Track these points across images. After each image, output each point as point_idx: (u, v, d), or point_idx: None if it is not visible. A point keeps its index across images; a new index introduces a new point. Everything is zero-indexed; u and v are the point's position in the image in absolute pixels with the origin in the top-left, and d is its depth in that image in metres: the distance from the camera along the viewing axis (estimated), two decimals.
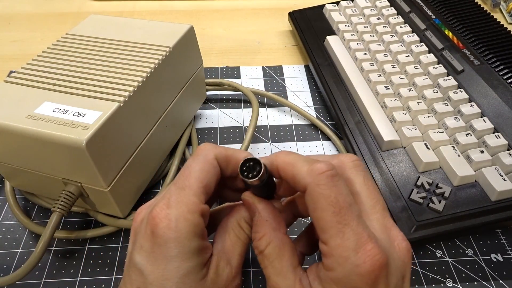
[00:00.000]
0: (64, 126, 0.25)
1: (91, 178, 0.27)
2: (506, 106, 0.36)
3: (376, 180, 0.33)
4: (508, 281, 0.29)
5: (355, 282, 0.18)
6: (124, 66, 0.30)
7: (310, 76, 0.47)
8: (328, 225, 0.19)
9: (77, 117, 0.26)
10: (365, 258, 0.18)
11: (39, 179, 0.29)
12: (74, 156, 0.25)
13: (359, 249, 0.18)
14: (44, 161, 0.27)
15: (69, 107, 0.27)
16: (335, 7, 0.51)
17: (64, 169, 0.27)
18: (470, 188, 0.32)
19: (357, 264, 0.18)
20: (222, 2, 0.60)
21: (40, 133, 0.25)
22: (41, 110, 0.26)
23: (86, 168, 0.26)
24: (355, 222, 0.19)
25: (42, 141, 0.25)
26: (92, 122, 0.25)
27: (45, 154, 0.26)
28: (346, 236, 0.18)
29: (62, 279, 0.29)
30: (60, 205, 0.27)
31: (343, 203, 0.19)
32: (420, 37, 0.44)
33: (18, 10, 0.57)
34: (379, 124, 0.36)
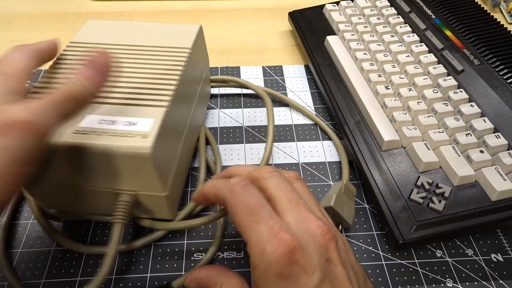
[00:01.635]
0: (120, 136, 0.25)
1: (150, 185, 0.27)
2: (506, 106, 0.36)
3: (376, 180, 0.33)
4: (508, 281, 0.29)
5: (275, 269, 0.20)
6: (153, 71, 0.29)
7: (310, 76, 0.47)
8: (245, 225, 0.21)
9: (129, 126, 0.25)
10: (277, 245, 0.20)
11: (84, 195, 0.28)
12: (136, 165, 0.25)
13: (271, 239, 0.20)
14: (97, 174, 0.26)
15: (116, 118, 0.26)
16: (335, 7, 0.51)
17: (119, 180, 0.27)
18: (470, 188, 0.32)
19: (271, 252, 0.20)
20: (222, 2, 0.60)
21: (98, 146, 0.24)
22: (86, 124, 0.25)
23: (146, 176, 0.26)
24: (266, 218, 0.21)
25: (98, 155, 0.24)
26: (149, 130, 0.25)
27: (100, 167, 0.25)
28: (260, 231, 0.21)
29: (62, 279, 0.29)
30: (121, 215, 0.27)
31: (254, 205, 0.22)
32: (420, 37, 0.44)
33: (18, 10, 0.57)
34: (379, 124, 0.36)
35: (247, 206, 0.22)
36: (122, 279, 0.29)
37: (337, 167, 0.37)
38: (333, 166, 0.37)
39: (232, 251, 0.31)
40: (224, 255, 0.31)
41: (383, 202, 0.31)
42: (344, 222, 0.31)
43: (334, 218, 0.31)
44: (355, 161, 0.35)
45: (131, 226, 0.32)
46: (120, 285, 0.29)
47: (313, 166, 0.37)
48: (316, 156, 0.38)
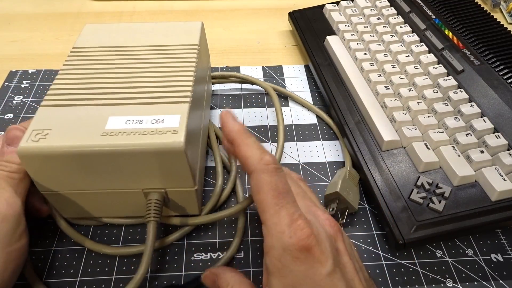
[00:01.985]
0: (150, 134, 0.25)
1: (181, 181, 0.27)
2: (506, 106, 0.36)
3: (376, 180, 0.33)
4: (508, 281, 0.29)
5: (292, 252, 0.21)
6: (167, 69, 0.30)
7: (310, 76, 0.47)
8: (268, 206, 0.22)
9: (157, 123, 0.25)
10: (296, 230, 0.21)
11: (111, 198, 0.28)
12: (169, 161, 0.25)
13: (291, 224, 0.22)
14: (125, 175, 0.26)
15: (142, 117, 0.26)
16: (335, 7, 0.51)
17: (149, 178, 0.27)
18: (470, 188, 0.32)
19: (291, 235, 0.21)
20: (222, 2, 0.60)
21: (129, 146, 0.24)
22: (112, 125, 0.25)
23: (178, 171, 0.26)
24: (289, 205, 0.22)
25: (130, 154, 0.24)
26: (178, 125, 0.25)
27: (130, 167, 0.26)
28: (282, 215, 0.22)
29: (62, 279, 0.29)
30: (154, 214, 0.27)
31: (281, 189, 0.23)
32: (420, 37, 0.44)
33: (18, 10, 0.57)
34: (379, 124, 0.36)
35: (275, 189, 0.23)
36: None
37: (337, 167, 0.37)
38: (333, 166, 0.37)
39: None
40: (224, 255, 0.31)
41: (383, 202, 0.31)
42: (350, 207, 0.32)
43: (340, 204, 0.32)
44: (355, 161, 0.35)
45: (140, 226, 0.32)
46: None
47: (313, 166, 0.37)
48: (316, 156, 0.38)
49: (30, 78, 0.45)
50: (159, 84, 0.28)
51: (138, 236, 0.32)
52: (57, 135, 0.25)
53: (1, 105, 0.42)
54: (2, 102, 0.42)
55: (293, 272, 0.21)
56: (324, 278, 0.21)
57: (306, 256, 0.21)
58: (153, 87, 0.28)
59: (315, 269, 0.21)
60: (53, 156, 0.24)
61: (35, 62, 0.47)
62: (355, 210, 0.32)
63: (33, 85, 0.44)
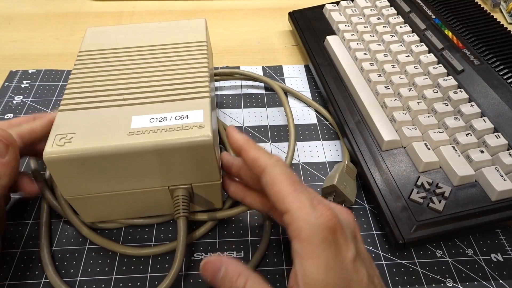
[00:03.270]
0: (177, 130, 0.25)
1: (208, 174, 0.27)
2: (506, 106, 0.36)
3: (376, 180, 0.33)
4: (508, 281, 0.29)
5: (322, 233, 0.21)
6: (180, 67, 0.30)
7: (310, 76, 0.47)
8: (286, 193, 0.23)
9: (182, 120, 0.26)
10: (322, 211, 0.22)
11: (136, 198, 0.28)
12: (198, 156, 0.25)
13: (316, 207, 0.22)
14: (153, 173, 0.26)
15: (165, 114, 0.26)
16: (335, 7, 0.51)
17: (176, 175, 0.27)
18: (470, 188, 0.32)
19: (318, 215, 0.21)
20: (222, 2, 0.60)
21: (158, 143, 0.24)
22: (137, 125, 0.25)
23: (206, 165, 0.26)
24: (306, 191, 0.23)
25: (159, 151, 0.25)
26: (203, 120, 0.26)
27: (158, 164, 0.26)
28: (302, 199, 0.22)
29: (62, 279, 0.29)
30: (183, 209, 0.27)
31: (295, 178, 0.24)
32: (420, 37, 0.44)
33: (18, 10, 0.57)
34: (379, 124, 0.36)
35: (290, 177, 0.23)
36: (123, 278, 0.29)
37: None
38: (333, 166, 0.37)
39: (232, 251, 0.31)
40: (224, 255, 0.31)
41: (383, 202, 0.31)
42: (347, 200, 0.32)
43: (337, 197, 0.32)
44: (355, 161, 0.35)
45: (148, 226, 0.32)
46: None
47: (313, 166, 0.37)
48: (316, 156, 0.38)
49: (30, 78, 0.45)
50: (176, 82, 0.29)
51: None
52: (83, 138, 0.25)
53: (1, 105, 0.42)
54: (2, 102, 0.42)
55: (324, 252, 0.21)
56: (350, 262, 0.21)
57: (334, 238, 0.21)
58: (170, 85, 0.28)
59: (342, 253, 0.21)
60: (81, 158, 0.24)
61: (35, 62, 0.47)
62: (351, 203, 0.33)
63: (33, 85, 0.44)
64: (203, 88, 0.28)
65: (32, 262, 0.30)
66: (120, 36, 0.33)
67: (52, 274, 0.28)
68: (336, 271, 0.21)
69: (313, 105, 0.42)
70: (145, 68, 0.30)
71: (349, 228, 0.23)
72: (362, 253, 0.23)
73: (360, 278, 0.22)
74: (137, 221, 0.31)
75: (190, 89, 0.28)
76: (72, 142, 0.24)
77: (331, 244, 0.21)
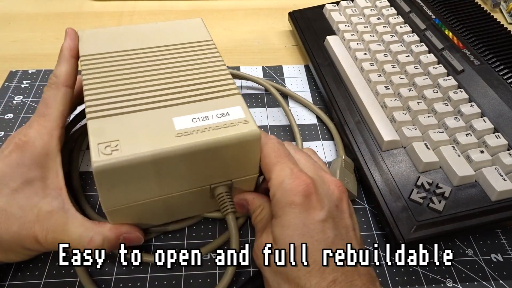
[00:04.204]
0: (224, 128, 0.25)
1: (250, 168, 0.28)
2: (506, 106, 0.36)
3: (376, 180, 0.33)
4: (508, 281, 0.29)
5: (289, 197, 0.24)
6: (197, 66, 0.30)
7: (310, 76, 0.47)
8: (271, 164, 0.26)
9: (224, 117, 0.26)
10: (295, 179, 0.24)
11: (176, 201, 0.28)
12: (246, 151, 0.26)
13: (291, 176, 0.24)
14: (198, 173, 0.26)
15: (205, 113, 0.26)
16: (335, 7, 0.51)
17: (220, 172, 0.27)
18: (470, 188, 0.32)
19: (289, 183, 0.24)
20: (222, 2, 0.60)
21: (211, 142, 0.24)
22: (181, 126, 0.25)
23: (250, 160, 0.27)
24: (290, 162, 0.26)
25: (212, 150, 0.25)
26: (245, 116, 0.26)
27: (206, 164, 0.26)
28: (283, 168, 0.25)
29: (62, 279, 0.29)
30: (230, 206, 0.27)
31: (283, 152, 0.26)
32: (420, 37, 0.44)
33: (18, 10, 0.57)
34: (379, 124, 0.36)
35: (277, 151, 0.26)
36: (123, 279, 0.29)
37: None
38: None
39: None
40: None
41: (383, 202, 0.31)
42: (350, 194, 0.33)
43: None
44: (355, 161, 0.35)
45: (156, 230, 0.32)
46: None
47: None
48: None
49: (30, 78, 0.45)
50: (200, 81, 0.28)
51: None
52: (130, 144, 0.24)
53: (1, 105, 0.42)
54: (2, 102, 0.42)
55: (290, 212, 0.24)
56: (315, 222, 0.23)
57: (303, 201, 0.23)
58: (195, 85, 0.28)
59: (308, 214, 0.23)
60: (134, 165, 0.23)
61: (35, 62, 0.47)
62: (354, 196, 0.34)
63: (33, 85, 0.44)
64: (231, 86, 0.28)
65: (32, 262, 0.30)
66: (120, 38, 0.32)
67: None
68: (297, 229, 0.23)
69: (312, 109, 0.42)
70: (162, 70, 0.29)
71: (330, 197, 0.25)
72: (341, 220, 0.25)
73: (325, 238, 0.23)
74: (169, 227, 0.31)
75: (217, 87, 0.28)
76: (120, 149, 0.23)
77: (296, 206, 0.23)
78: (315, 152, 0.31)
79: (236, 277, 0.29)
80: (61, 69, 0.29)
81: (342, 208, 0.25)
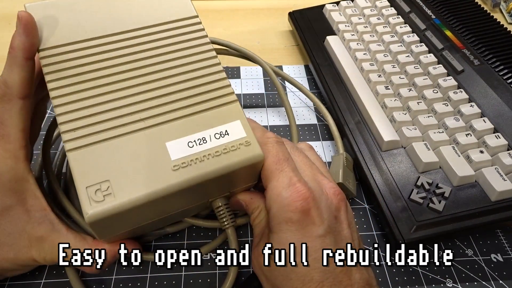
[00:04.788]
0: (224, 154, 0.23)
1: (250, 179, 0.26)
2: (506, 106, 0.36)
3: (376, 180, 0.33)
4: (508, 281, 0.29)
5: (286, 213, 0.22)
6: (183, 60, 0.25)
7: (310, 76, 0.47)
8: (270, 171, 0.24)
9: (223, 138, 0.23)
10: (292, 192, 0.22)
11: (173, 217, 0.27)
12: (249, 172, 0.25)
13: (289, 187, 0.23)
14: (198, 195, 0.25)
15: (202, 134, 0.23)
16: (335, 7, 0.51)
17: (220, 189, 0.25)
18: (470, 188, 0.32)
19: (286, 197, 0.22)
20: (222, 2, 0.60)
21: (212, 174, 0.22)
22: (177, 154, 0.22)
23: (251, 176, 0.25)
24: (289, 169, 0.24)
25: (213, 180, 0.23)
26: (246, 134, 0.24)
27: (206, 189, 0.24)
28: (281, 178, 0.23)
29: (62, 279, 0.29)
30: (230, 219, 0.27)
31: (282, 157, 0.24)
32: (420, 37, 0.44)
33: (18, 10, 0.57)
34: (379, 124, 0.36)
35: (276, 156, 0.24)
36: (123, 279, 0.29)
37: None
38: None
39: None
40: None
41: (383, 202, 0.31)
42: (349, 194, 0.33)
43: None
44: (355, 162, 0.35)
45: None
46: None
47: None
48: None
49: None
50: (191, 84, 0.25)
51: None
52: (122, 185, 0.21)
53: None
54: None
55: (284, 232, 0.22)
56: (314, 239, 0.22)
57: (300, 218, 0.22)
58: (186, 90, 0.24)
59: (306, 230, 0.22)
60: (130, 210, 0.21)
61: None
62: (354, 195, 0.34)
63: None
64: (227, 89, 0.25)
65: None
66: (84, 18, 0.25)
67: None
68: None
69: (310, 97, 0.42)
70: (144, 68, 0.24)
71: (328, 209, 0.23)
72: (340, 234, 0.24)
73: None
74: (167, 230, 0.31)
75: (212, 92, 0.25)
76: (112, 194, 0.21)
77: (294, 224, 0.22)
78: (312, 147, 0.29)
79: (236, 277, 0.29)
80: (14, 77, 0.23)
81: (340, 219, 0.24)
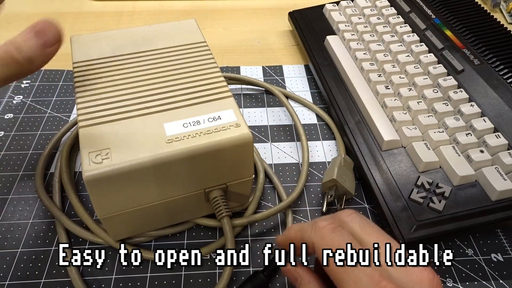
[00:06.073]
0: (215, 132, 0.25)
1: (244, 171, 0.28)
2: (506, 106, 0.36)
3: (376, 180, 0.33)
4: (508, 281, 0.29)
5: None
6: (190, 69, 0.30)
7: (310, 76, 0.47)
8: (341, 271, 0.19)
9: (216, 121, 0.26)
10: None
11: (171, 206, 0.28)
12: (238, 154, 0.26)
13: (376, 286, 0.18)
14: (191, 178, 0.26)
15: (197, 118, 0.26)
16: (335, 7, 0.51)
17: (214, 176, 0.27)
18: (470, 188, 0.32)
19: None
20: (222, 2, 0.60)
21: (201, 147, 0.24)
22: (172, 132, 0.25)
23: (243, 163, 0.27)
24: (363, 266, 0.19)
25: (202, 155, 0.25)
26: (237, 119, 0.26)
27: (198, 168, 0.25)
28: (358, 278, 0.19)
29: (62, 279, 0.29)
30: (225, 209, 0.27)
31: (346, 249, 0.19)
32: (420, 37, 0.44)
33: (18, 10, 0.57)
34: (379, 124, 0.36)
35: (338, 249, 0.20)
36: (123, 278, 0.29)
37: None
38: None
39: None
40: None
41: (383, 202, 0.31)
42: (347, 193, 0.33)
43: (338, 190, 0.33)
44: (355, 161, 0.35)
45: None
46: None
47: (313, 166, 0.37)
48: (316, 156, 0.38)
49: (30, 78, 0.45)
50: (192, 85, 0.28)
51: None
52: (121, 152, 0.24)
53: (1, 105, 0.42)
54: (2, 102, 0.42)
55: None
56: None
57: None
58: (188, 88, 0.28)
59: None
60: (125, 173, 0.23)
61: None
62: (352, 196, 0.34)
63: (33, 85, 0.44)
64: (224, 88, 0.28)
65: (32, 262, 0.30)
66: (112, 43, 0.32)
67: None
68: None
69: (313, 109, 0.42)
70: (154, 74, 0.29)
71: None
72: None
73: None
74: (166, 231, 0.31)
75: (210, 91, 0.28)
76: (110, 157, 0.23)
77: None
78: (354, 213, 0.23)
79: (236, 277, 0.29)
80: None
81: None
